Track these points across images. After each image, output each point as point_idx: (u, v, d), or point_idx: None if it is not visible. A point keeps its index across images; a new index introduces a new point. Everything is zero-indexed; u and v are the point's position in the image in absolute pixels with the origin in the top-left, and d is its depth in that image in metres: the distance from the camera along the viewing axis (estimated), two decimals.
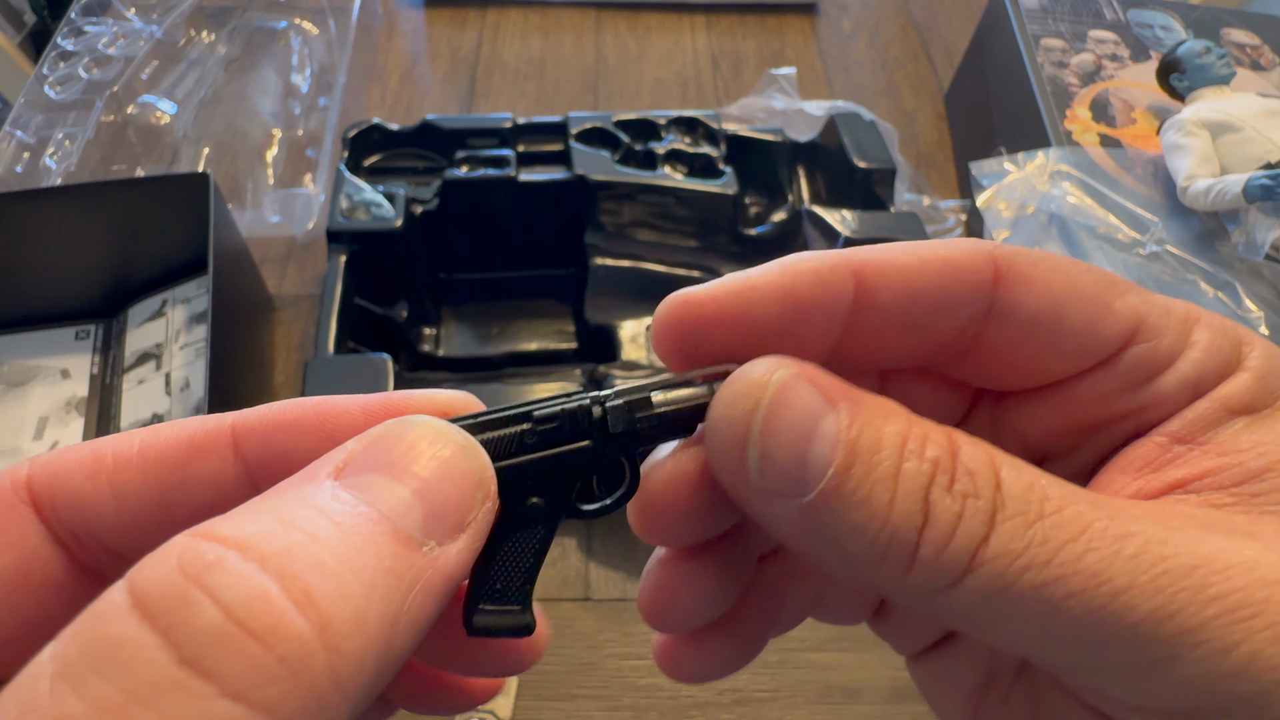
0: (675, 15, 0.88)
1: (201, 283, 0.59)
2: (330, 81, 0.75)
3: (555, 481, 0.17)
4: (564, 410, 0.17)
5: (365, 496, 0.13)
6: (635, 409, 0.17)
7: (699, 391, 0.17)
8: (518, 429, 0.17)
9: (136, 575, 0.12)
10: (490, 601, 0.17)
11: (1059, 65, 0.64)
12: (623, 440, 0.17)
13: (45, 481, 0.16)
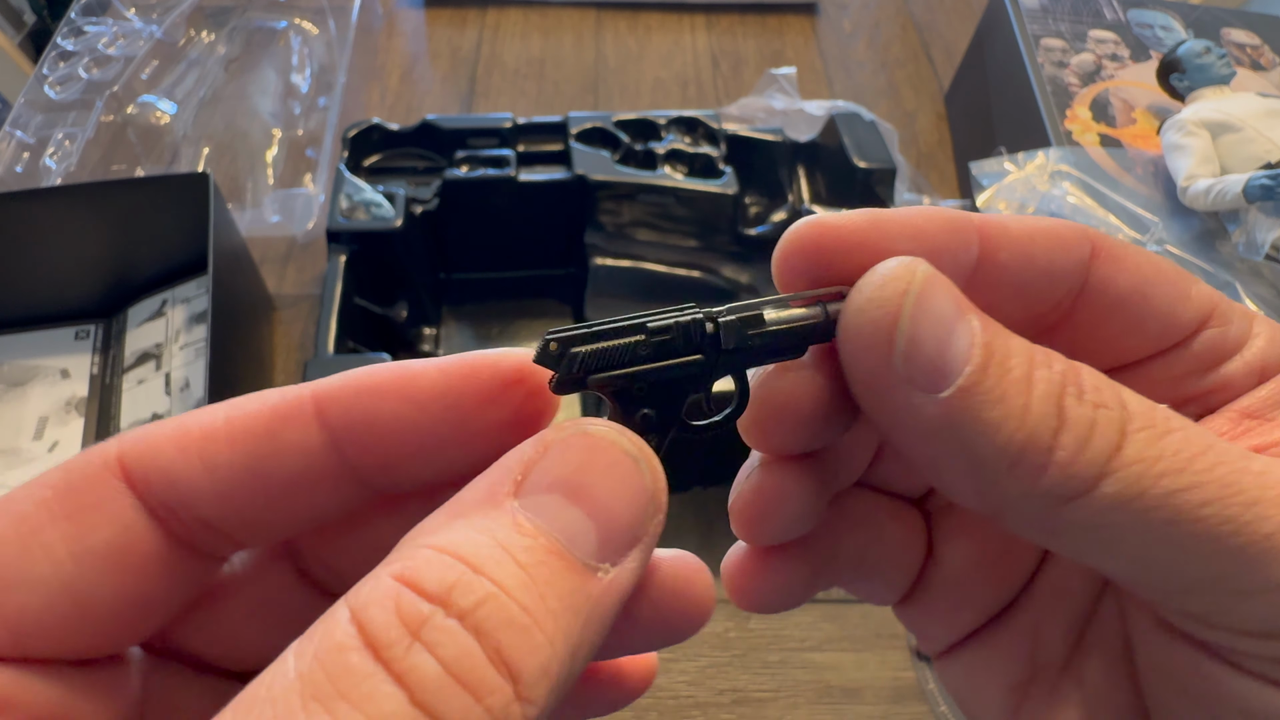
0: (675, 15, 0.88)
1: (201, 283, 0.59)
2: (330, 81, 0.75)
3: (667, 394, 0.17)
4: (678, 323, 0.17)
5: (545, 524, 0.14)
6: (748, 325, 0.17)
7: (812, 311, 0.17)
8: (632, 339, 0.17)
9: (363, 613, 0.12)
10: None
11: (1059, 65, 0.63)
12: (734, 356, 0.17)
13: (137, 457, 0.16)
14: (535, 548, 0.14)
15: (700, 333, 0.17)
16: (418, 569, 0.13)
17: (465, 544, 0.13)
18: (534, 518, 0.14)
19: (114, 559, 0.16)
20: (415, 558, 0.13)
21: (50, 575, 0.15)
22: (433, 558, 0.13)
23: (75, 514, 0.15)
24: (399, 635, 0.12)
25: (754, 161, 0.64)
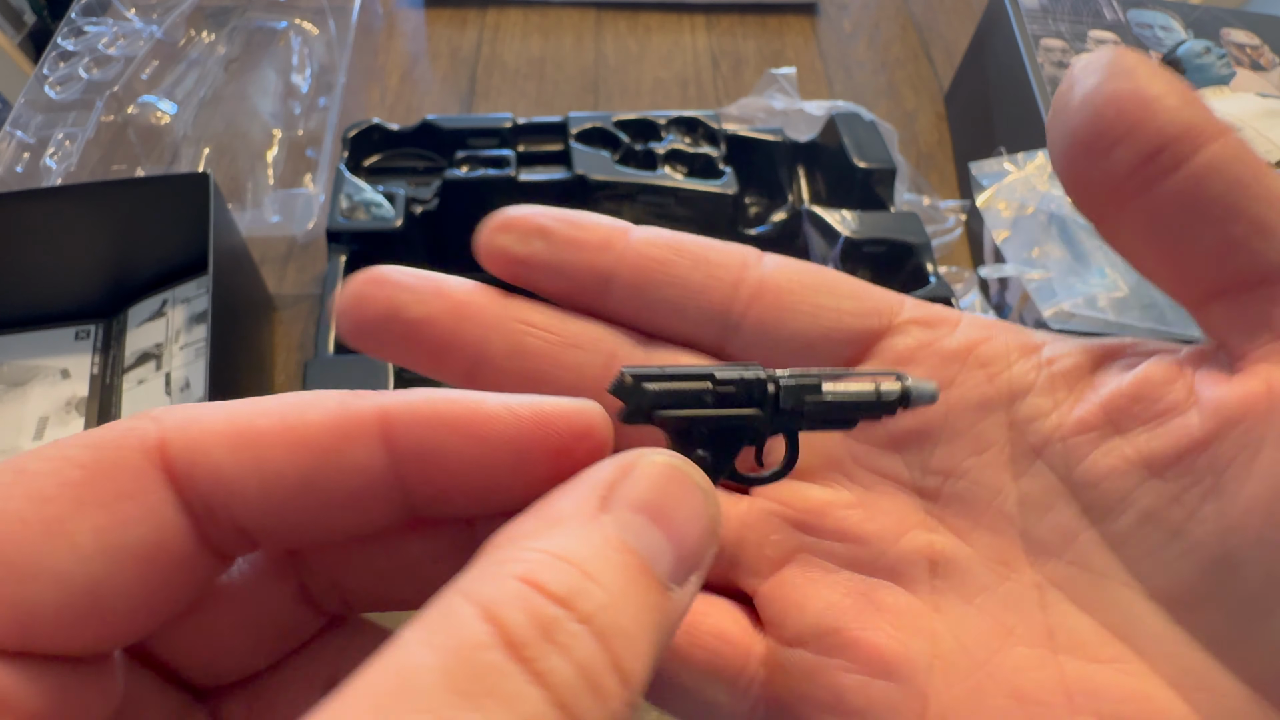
0: (675, 15, 0.88)
1: (201, 283, 0.59)
2: (330, 81, 0.75)
3: (723, 441, 0.19)
4: (742, 378, 0.19)
5: (634, 540, 0.15)
6: (806, 391, 0.19)
7: (867, 388, 0.19)
8: (699, 385, 0.19)
9: (498, 612, 0.12)
10: None
11: (1059, 65, 0.63)
12: (790, 419, 0.19)
13: (184, 448, 0.15)
14: (630, 564, 0.14)
15: (761, 390, 0.19)
16: (540, 572, 0.13)
17: (576, 552, 0.14)
18: (625, 533, 0.14)
19: (145, 558, 0.15)
20: (532, 561, 0.13)
21: (73, 570, 0.14)
22: (551, 562, 0.13)
23: (108, 504, 0.14)
24: (535, 636, 0.12)
25: (754, 162, 0.64)
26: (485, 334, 0.21)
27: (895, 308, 0.21)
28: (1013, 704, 0.18)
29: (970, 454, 0.20)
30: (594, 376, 0.21)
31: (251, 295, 0.61)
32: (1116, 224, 0.18)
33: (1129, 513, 0.18)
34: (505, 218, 0.21)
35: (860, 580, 0.20)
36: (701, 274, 0.21)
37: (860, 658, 0.19)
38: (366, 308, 0.20)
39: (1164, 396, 0.18)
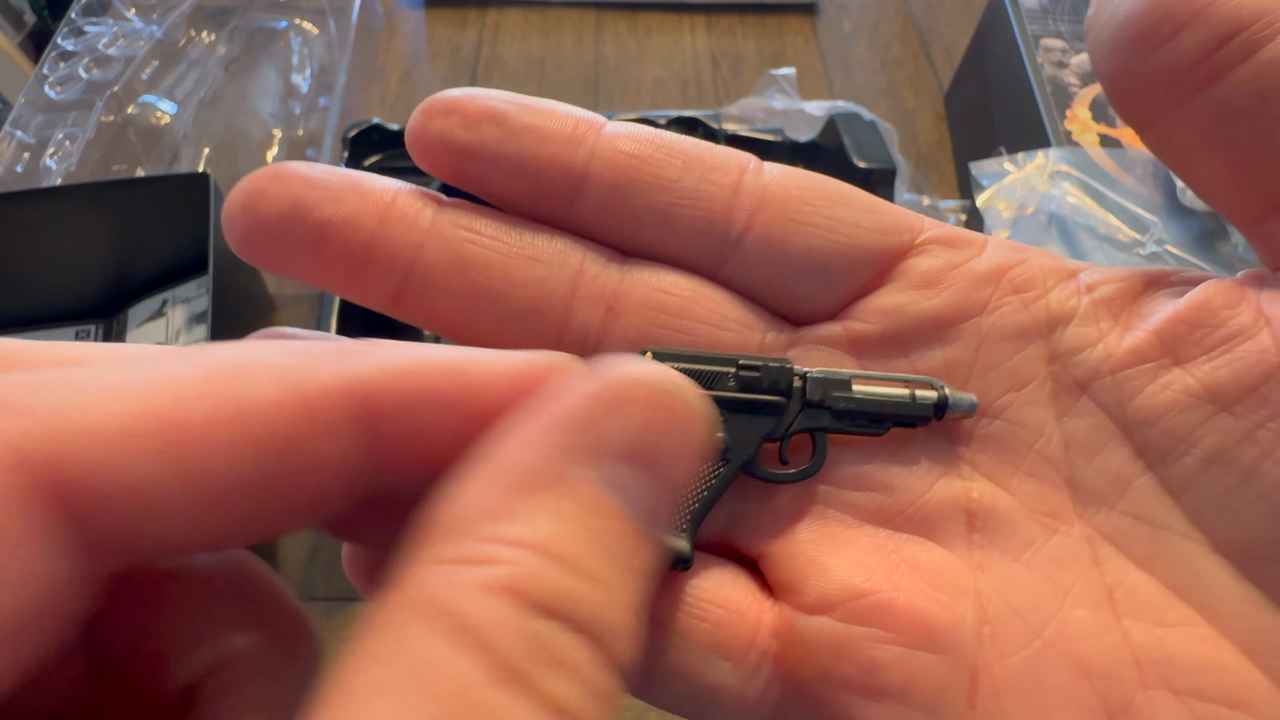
0: (675, 15, 0.88)
1: (201, 283, 0.59)
2: (330, 81, 0.75)
3: (744, 427, 0.18)
4: (767, 364, 0.18)
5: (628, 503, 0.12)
6: (834, 386, 0.18)
7: (900, 393, 0.17)
8: (721, 368, 0.17)
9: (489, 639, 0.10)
10: None
11: (1059, 65, 0.64)
12: (817, 415, 0.18)
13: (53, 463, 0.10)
14: (624, 533, 0.12)
15: (786, 379, 0.18)
16: (523, 580, 0.11)
17: (558, 539, 0.11)
18: (614, 495, 0.12)
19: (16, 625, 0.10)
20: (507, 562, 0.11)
21: None
22: (532, 563, 0.11)
23: None
24: (533, 661, 0.10)
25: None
26: (418, 241, 0.17)
27: (916, 225, 0.18)
28: (1077, 676, 0.15)
29: (1007, 390, 0.18)
30: (557, 297, 0.17)
31: (251, 295, 0.61)
32: (1171, 124, 0.16)
33: (1192, 454, 0.16)
34: (447, 98, 0.17)
35: (886, 535, 0.17)
36: (695, 177, 0.18)
37: (897, 625, 0.16)
38: (262, 206, 0.16)
39: (1228, 321, 0.16)
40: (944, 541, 0.17)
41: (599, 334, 0.18)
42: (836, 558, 0.17)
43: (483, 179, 0.18)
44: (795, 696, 0.16)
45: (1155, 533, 0.16)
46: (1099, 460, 0.17)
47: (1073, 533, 0.17)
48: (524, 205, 0.18)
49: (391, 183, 0.17)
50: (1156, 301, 0.17)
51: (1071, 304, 0.17)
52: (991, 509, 0.17)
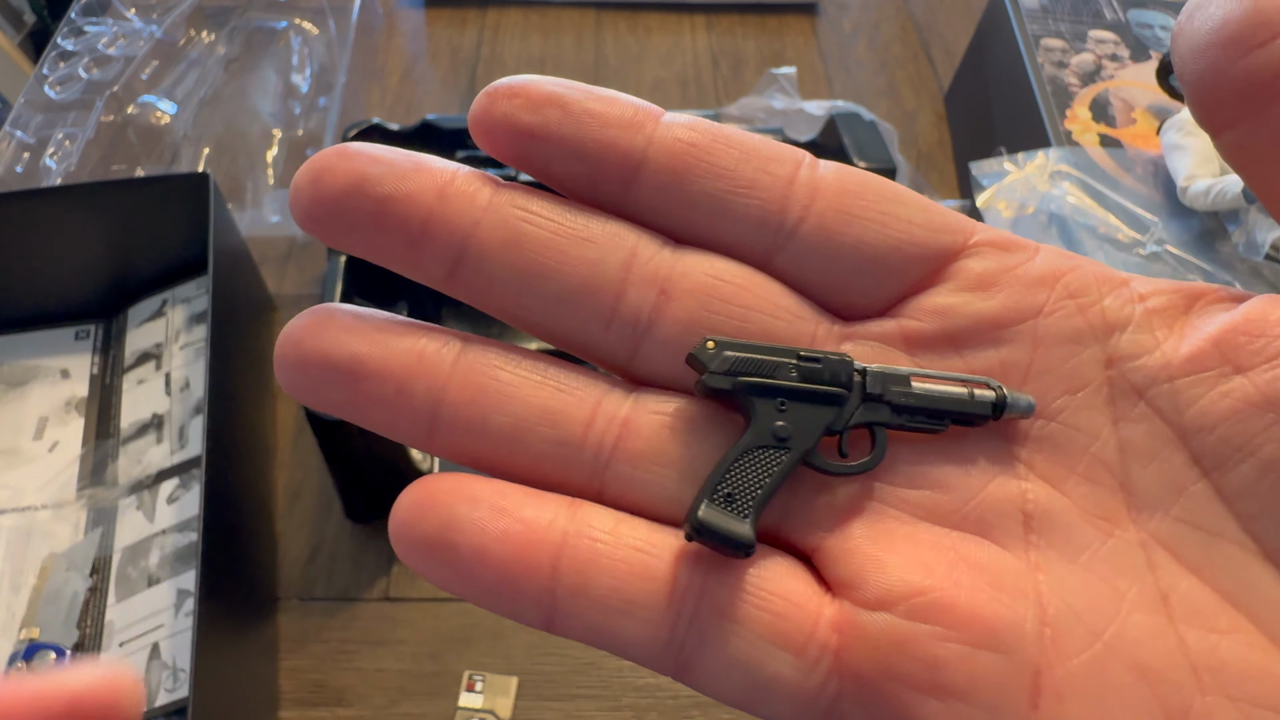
0: (675, 15, 0.88)
1: (201, 283, 0.59)
2: (330, 81, 0.75)
3: (804, 418, 0.18)
4: (827, 356, 0.18)
5: None
6: (894, 380, 0.18)
7: (959, 391, 0.18)
8: (783, 360, 0.18)
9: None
10: (714, 503, 0.17)
11: (1059, 65, 0.64)
12: (876, 408, 0.18)
13: None
14: None
15: (846, 371, 0.18)
16: None
17: None
18: None
19: None
20: None
21: None
22: None
23: None
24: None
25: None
26: (475, 218, 0.17)
27: (969, 227, 0.19)
28: (1137, 680, 0.15)
29: (1063, 392, 0.18)
30: (610, 278, 0.18)
31: (251, 295, 0.61)
32: (1252, 130, 0.15)
33: (1248, 462, 0.16)
34: (511, 83, 0.18)
35: (944, 533, 0.17)
36: (751, 167, 0.18)
37: (959, 623, 0.16)
38: (328, 181, 0.17)
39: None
40: (1000, 541, 0.17)
41: (651, 316, 0.18)
42: (895, 554, 0.17)
43: (544, 161, 0.18)
44: (855, 692, 0.16)
45: (1208, 539, 0.16)
46: (1154, 466, 0.17)
47: (1127, 537, 0.17)
48: (583, 188, 0.18)
49: (451, 164, 0.18)
50: (1210, 313, 0.17)
51: (1127, 311, 0.18)
52: (1047, 511, 0.17)
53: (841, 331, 0.19)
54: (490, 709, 0.48)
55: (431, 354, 0.18)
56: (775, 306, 0.18)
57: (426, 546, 0.17)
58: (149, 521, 0.52)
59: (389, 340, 0.17)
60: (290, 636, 0.51)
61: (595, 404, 0.18)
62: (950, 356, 0.18)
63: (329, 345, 0.17)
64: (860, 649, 0.16)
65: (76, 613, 0.49)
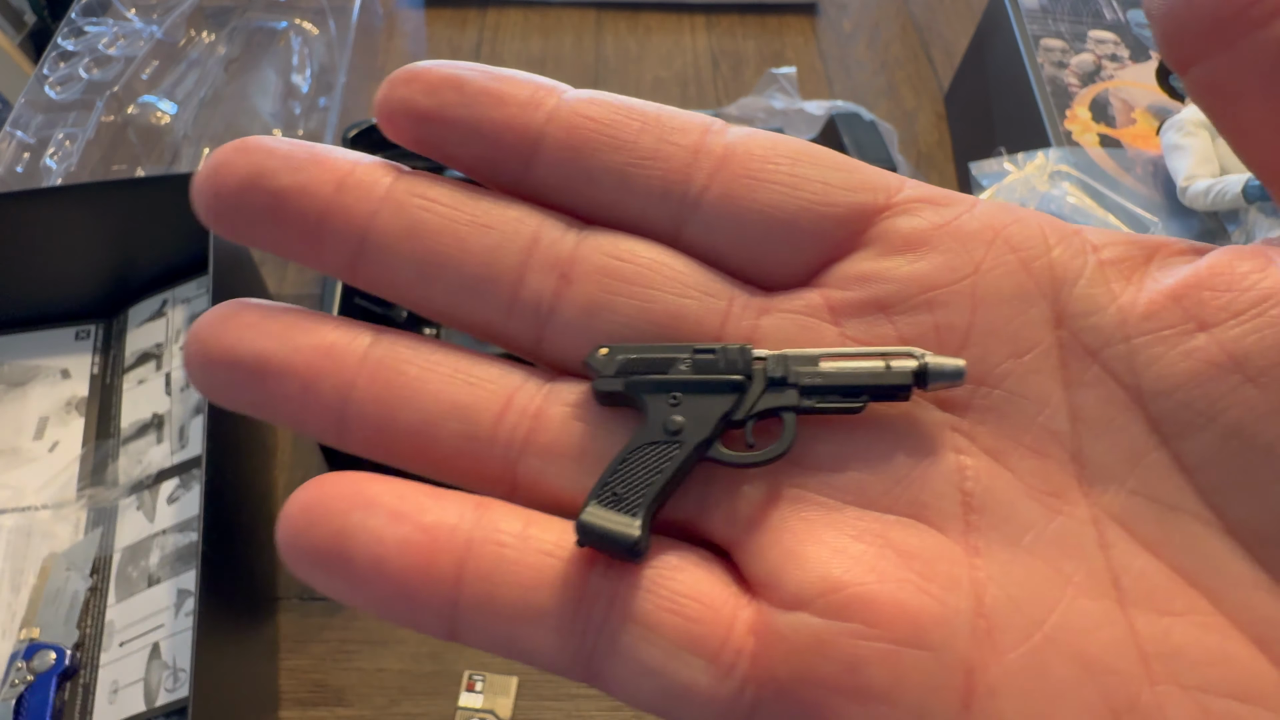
0: (675, 15, 0.88)
1: (201, 283, 0.59)
2: (330, 81, 0.75)
3: (700, 410, 0.17)
4: (725, 347, 0.17)
5: None
6: (798, 362, 0.17)
7: (874, 365, 0.16)
8: (675, 356, 0.17)
9: None
10: (603, 503, 0.16)
11: (1059, 65, 0.64)
12: (780, 392, 0.17)
13: None
14: None
15: (744, 359, 0.17)
16: None
17: None
18: None
19: None
20: None
21: None
22: None
23: None
24: None
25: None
26: (373, 208, 0.17)
27: (894, 185, 0.17)
28: (1080, 673, 0.14)
29: (1007, 356, 0.16)
30: (509, 264, 0.17)
31: (251, 295, 0.61)
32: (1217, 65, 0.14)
33: (1211, 428, 0.15)
34: (410, 68, 0.18)
35: (873, 519, 0.16)
36: (653, 138, 0.17)
37: (882, 620, 0.15)
38: (224, 176, 0.17)
39: (1256, 284, 0.15)
40: (936, 524, 0.16)
41: (551, 301, 0.17)
42: (815, 546, 0.16)
43: (442, 144, 0.18)
44: (773, 698, 0.15)
45: (1165, 513, 0.15)
46: (1109, 434, 0.16)
47: (1077, 514, 0.15)
48: (485, 170, 0.18)
49: (355, 155, 0.18)
50: (1170, 265, 0.16)
51: (1078, 263, 0.16)
52: (989, 488, 0.16)
53: (760, 305, 0.17)
54: (490, 709, 0.48)
55: (339, 349, 0.17)
56: (683, 285, 0.17)
57: (318, 557, 0.16)
58: (149, 521, 0.52)
59: (295, 336, 0.17)
60: (290, 636, 0.51)
61: (508, 397, 0.17)
62: (881, 324, 0.17)
63: (233, 343, 0.17)
64: (776, 652, 0.15)
65: (76, 613, 0.49)
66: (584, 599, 0.16)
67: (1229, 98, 0.15)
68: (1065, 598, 0.15)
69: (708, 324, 0.17)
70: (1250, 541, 0.15)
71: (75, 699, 0.46)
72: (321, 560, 0.16)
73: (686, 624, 0.15)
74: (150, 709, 0.45)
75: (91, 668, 0.47)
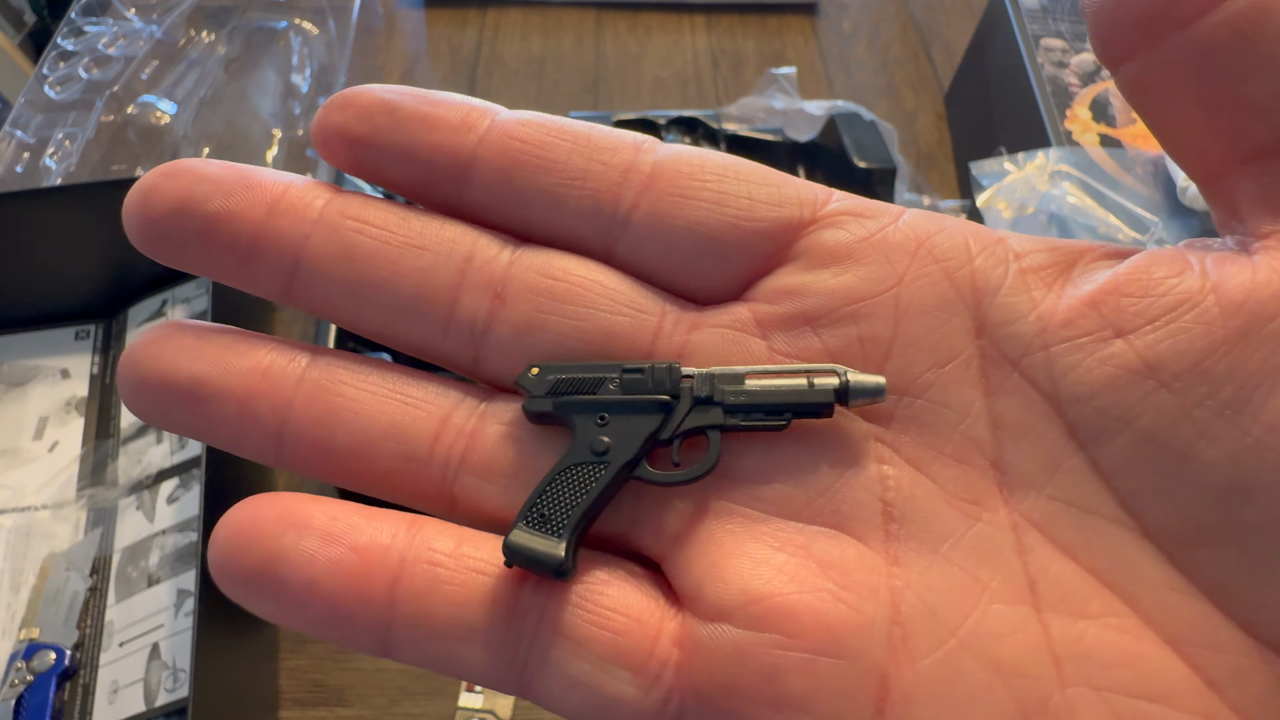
0: (675, 15, 0.88)
1: (201, 283, 0.59)
2: (330, 81, 0.75)
3: (627, 429, 0.17)
4: (653, 366, 0.17)
5: None
6: (723, 381, 0.17)
7: (797, 383, 0.17)
8: (604, 375, 0.17)
9: None
10: (530, 524, 0.16)
11: (1059, 65, 0.63)
12: (706, 410, 0.17)
13: None
14: None
15: (670, 378, 0.17)
16: None
17: None
18: None
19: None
20: None
21: None
22: None
23: None
24: None
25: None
26: (305, 231, 0.17)
27: (821, 199, 0.18)
28: (991, 677, 0.15)
29: (930, 366, 0.16)
30: (443, 285, 0.17)
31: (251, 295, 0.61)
32: (1146, 63, 0.15)
33: (1126, 434, 0.15)
34: (345, 93, 0.18)
35: (795, 530, 0.16)
36: (583, 158, 0.18)
37: (799, 630, 0.15)
38: (154, 201, 0.17)
39: (1172, 288, 0.15)
40: (858, 534, 0.16)
41: (486, 321, 0.18)
42: (738, 559, 0.16)
43: (376, 168, 0.18)
44: (696, 708, 0.16)
45: (1083, 517, 0.15)
46: (1028, 441, 0.16)
47: (996, 520, 0.16)
48: (419, 192, 0.18)
49: (287, 176, 0.18)
50: (1092, 271, 0.16)
51: (999, 272, 0.16)
52: (909, 497, 0.16)
53: (691, 321, 0.18)
54: (490, 709, 0.48)
55: (276, 371, 0.17)
56: (614, 303, 0.18)
57: (249, 580, 0.16)
58: (149, 521, 0.52)
59: (230, 359, 0.17)
60: (290, 636, 0.51)
61: (444, 416, 0.18)
62: (807, 337, 0.17)
63: (167, 367, 0.17)
64: (699, 663, 0.16)
65: (76, 613, 0.49)
66: (515, 615, 0.16)
67: (1156, 95, 0.15)
68: (980, 604, 0.15)
69: (640, 340, 0.18)
70: (1166, 544, 0.15)
71: (75, 699, 0.46)
72: (253, 583, 0.16)
73: (613, 638, 0.16)
74: (150, 709, 0.45)
75: (91, 668, 0.47)
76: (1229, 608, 0.15)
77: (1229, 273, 0.15)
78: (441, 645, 0.16)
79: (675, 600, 0.17)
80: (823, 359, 0.17)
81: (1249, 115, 0.14)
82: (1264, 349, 0.14)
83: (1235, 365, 0.14)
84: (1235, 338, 0.14)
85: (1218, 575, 0.15)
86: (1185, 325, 0.15)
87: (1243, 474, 0.14)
